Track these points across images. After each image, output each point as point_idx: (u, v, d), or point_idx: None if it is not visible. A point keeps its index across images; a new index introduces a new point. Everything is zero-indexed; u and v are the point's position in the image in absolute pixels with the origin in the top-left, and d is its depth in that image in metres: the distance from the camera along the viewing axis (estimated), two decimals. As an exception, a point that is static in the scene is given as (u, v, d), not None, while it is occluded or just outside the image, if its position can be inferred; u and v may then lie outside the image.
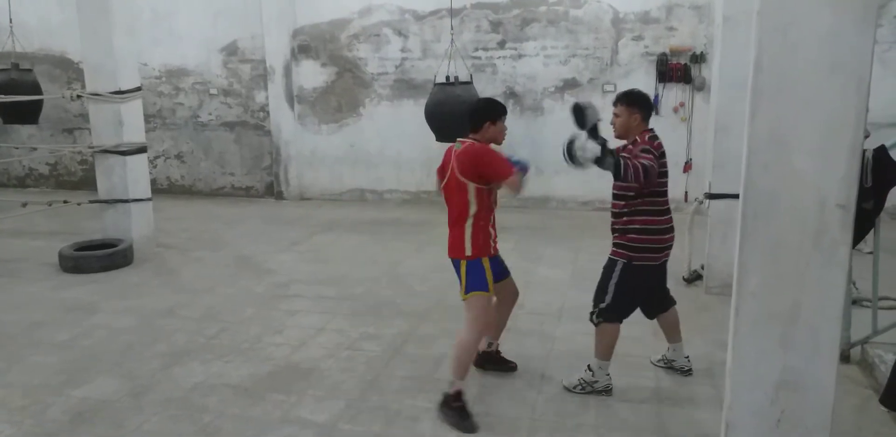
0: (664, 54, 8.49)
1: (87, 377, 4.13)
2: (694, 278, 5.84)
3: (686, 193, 8.64)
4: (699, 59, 8.40)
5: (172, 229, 7.88)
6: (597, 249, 7.02)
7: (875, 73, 2.36)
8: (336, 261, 6.72)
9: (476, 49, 9.07)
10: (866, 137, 3.16)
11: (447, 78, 6.76)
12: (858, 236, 5.30)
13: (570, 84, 8.89)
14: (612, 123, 3.82)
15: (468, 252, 3.62)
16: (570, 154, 3.44)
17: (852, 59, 2.20)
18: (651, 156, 3.59)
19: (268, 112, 9.90)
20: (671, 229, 3.81)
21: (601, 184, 8.92)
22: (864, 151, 2.85)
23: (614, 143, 3.73)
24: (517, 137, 9.11)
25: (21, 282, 6.08)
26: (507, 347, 4.53)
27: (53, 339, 4.75)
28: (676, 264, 6.07)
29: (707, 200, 5.59)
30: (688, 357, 4.15)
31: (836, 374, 2.41)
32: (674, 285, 5.78)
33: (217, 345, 4.63)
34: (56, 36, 10.30)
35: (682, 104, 8.55)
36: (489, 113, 3.72)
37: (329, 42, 9.64)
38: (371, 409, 3.72)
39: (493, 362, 4.16)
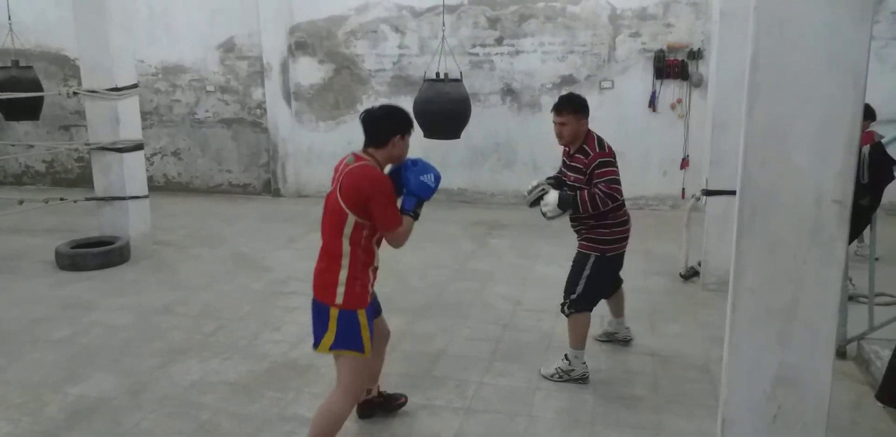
0: (661, 51, 8.48)
1: (85, 375, 4.13)
2: (691, 274, 5.84)
3: (683, 189, 8.64)
4: (696, 55, 8.39)
5: (169, 227, 7.86)
6: (594, 245, 7.05)
7: (873, 69, 2.37)
8: (333, 258, 6.71)
9: (473, 45, 9.06)
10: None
11: (437, 74, 6.74)
12: (855, 232, 5.33)
13: (567, 80, 8.88)
14: (559, 133, 3.87)
15: (338, 300, 2.93)
16: (542, 211, 3.82)
17: (849, 55, 2.20)
18: (613, 169, 3.75)
19: (265, 109, 9.87)
20: (629, 218, 4.02)
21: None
22: (860, 148, 2.85)
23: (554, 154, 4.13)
24: (515, 134, 9.13)
25: (18, 279, 6.07)
26: (504, 344, 4.55)
27: (51, 336, 4.75)
28: (674, 261, 6.10)
29: (704, 197, 5.60)
30: (628, 328, 4.49)
31: (833, 370, 2.41)
32: (671, 281, 5.84)
33: (214, 342, 4.62)
34: (52, 33, 10.26)
35: (679, 101, 8.54)
36: (401, 125, 3.04)
37: (326, 39, 9.62)
38: (369, 406, 3.72)
39: (379, 407, 3.59)
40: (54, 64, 10.45)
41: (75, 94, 6.69)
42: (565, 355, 3.99)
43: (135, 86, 6.76)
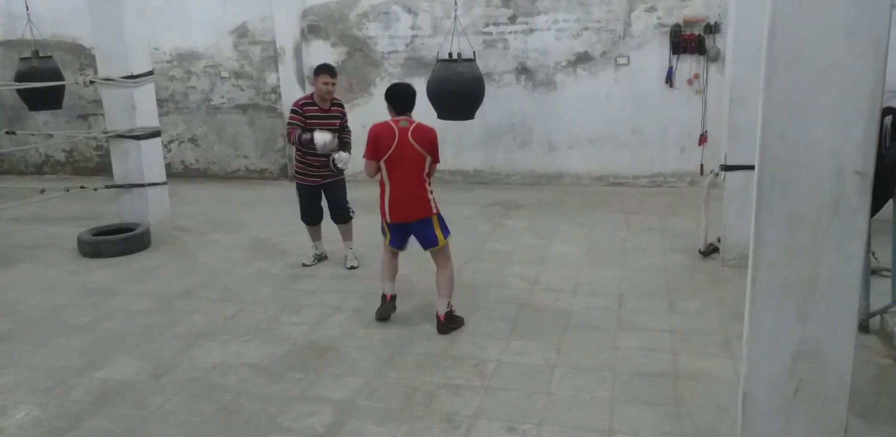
0: (678, 25, 8.34)
1: (109, 359, 4.19)
2: (710, 251, 5.79)
3: (702, 165, 8.54)
4: (713, 29, 8.24)
5: (188, 213, 7.93)
6: (611, 224, 7.00)
7: (894, 37, 2.30)
8: (351, 241, 6.73)
9: (487, 24, 8.96)
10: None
11: (449, 54, 6.66)
12: (877, 205, 5.23)
13: (582, 58, 8.77)
14: (330, 91, 5.59)
15: (434, 210, 4.49)
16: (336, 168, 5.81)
17: (869, 23, 2.14)
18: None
19: (279, 94, 9.86)
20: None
21: (614, 159, 8.86)
22: (882, 118, 2.78)
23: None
24: (530, 113, 9.05)
25: (42, 267, 6.16)
26: (522, 323, 4.57)
27: (75, 322, 4.82)
28: (693, 238, 6.05)
29: (723, 173, 5.53)
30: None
31: (855, 344, 2.38)
32: (690, 258, 5.79)
33: (235, 325, 4.67)
34: (67, 23, 10.29)
35: (696, 76, 8.42)
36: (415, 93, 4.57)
37: (338, 21, 9.57)
38: (388, 386, 3.75)
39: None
40: (70, 53, 10.50)
41: (92, 82, 6.72)
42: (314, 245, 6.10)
43: (150, 73, 6.78)
